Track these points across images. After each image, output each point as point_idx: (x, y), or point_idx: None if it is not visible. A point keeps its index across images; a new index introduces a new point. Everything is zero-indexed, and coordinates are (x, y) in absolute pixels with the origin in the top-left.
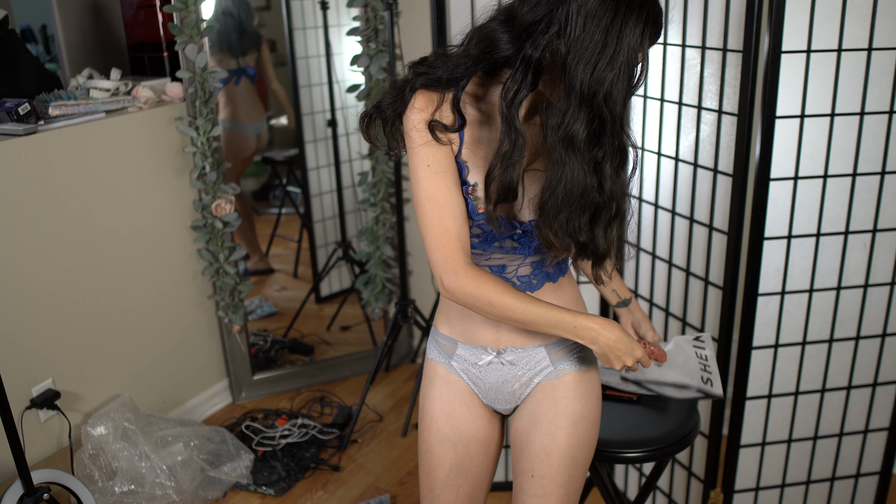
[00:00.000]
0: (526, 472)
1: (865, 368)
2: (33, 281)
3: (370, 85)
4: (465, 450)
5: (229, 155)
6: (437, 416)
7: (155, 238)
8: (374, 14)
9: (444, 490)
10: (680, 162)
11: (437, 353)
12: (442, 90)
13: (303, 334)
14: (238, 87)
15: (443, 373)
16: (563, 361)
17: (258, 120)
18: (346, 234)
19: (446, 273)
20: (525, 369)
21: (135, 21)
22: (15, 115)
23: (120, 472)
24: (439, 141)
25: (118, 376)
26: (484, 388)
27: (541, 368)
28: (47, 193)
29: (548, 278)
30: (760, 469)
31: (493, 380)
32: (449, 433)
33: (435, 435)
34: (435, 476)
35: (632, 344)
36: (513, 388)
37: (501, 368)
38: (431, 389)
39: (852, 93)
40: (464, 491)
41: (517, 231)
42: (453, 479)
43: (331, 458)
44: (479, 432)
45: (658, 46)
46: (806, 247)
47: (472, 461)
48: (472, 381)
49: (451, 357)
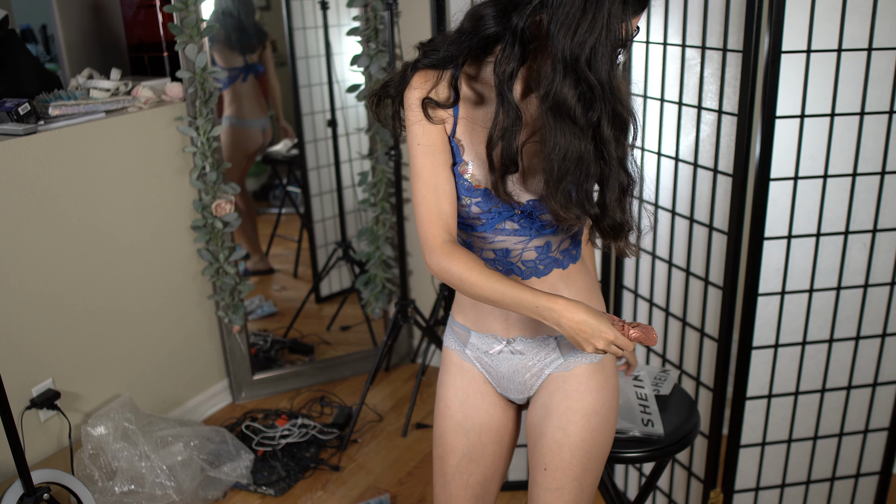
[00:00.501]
0: (539, 464)
1: (865, 368)
2: (33, 281)
3: (370, 85)
4: (478, 437)
5: (235, 151)
6: (450, 402)
7: (155, 238)
8: (374, 14)
9: (456, 476)
10: (680, 162)
11: (452, 341)
12: (440, 69)
13: (303, 334)
14: (245, 84)
15: (457, 360)
16: (574, 353)
17: (263, 115)
18: (346, 234)
19: (426, 249)
20: (535, 360)
21: (135, 21)
22: (15, 115)
23: (120, 472)
24: (430, 119)
25: (118, 376)
26: (497, 377)
27: (551, 360)
28: (47, 193)
29: (556, 264)
30: (760, 469)
31: (505, 369)
32: (462, 420)
33: (448, 421)
34: (447, 462)
35: (600, 326)
36: (524, 377)
37: (512, 358)
38: (446, 377)
39: (852, 93)
40: (475, 478)
41: (516, 212)
42: (465, 465)
43: (331, 458)
44: (491, 420)
45: (658, 46)
46: (806, 247)
47: (485, 449)
48: (485, 370)
49: (465, 345)
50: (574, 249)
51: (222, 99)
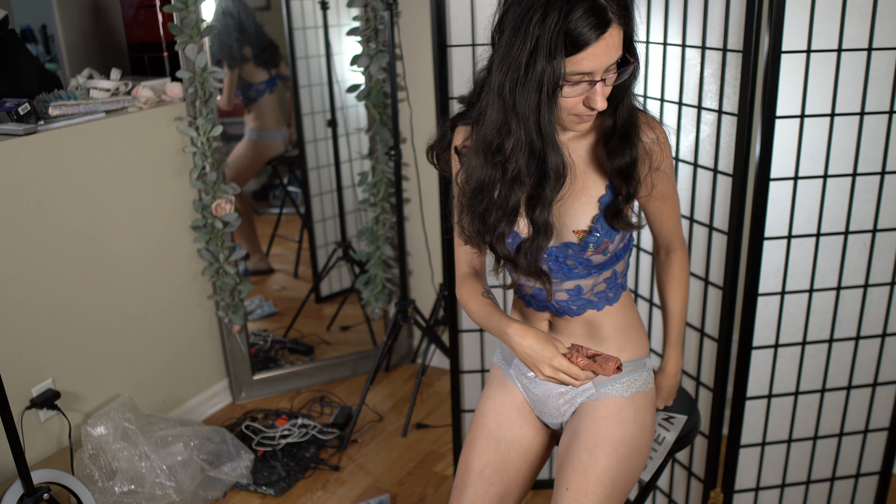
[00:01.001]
0: (562, 484)
1: (865, 368)
2: (33, 281)
3: (370, 85)
4: (507, 450)
5: (256, 162)
6: (486, 412)
7: (155, 238)
8: (374, 14)
9: (477, 482)
10: (680, 162)
11: (500, 359)
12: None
13: (303, 334)
14: (271, 96)
15: (500, 376)
16: (607, 385)
17: (284, 126)
18: (346, 234)
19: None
20: (569, 387)
21: (135, 21)
22: (15, 115)
23: (120, 472)
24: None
25: (118, 376)
26: (534, 399)
27: (584, 388)
28: (47, 193)
29: (590, 306)
30: (760, 469)
31: (540, 392)
32: (495, 429)
33: (482, 430)
34: (471, 467)
35: (544, 353)
36: (557, 402)
37: (547, 382)
38: (489, 390)
39: (852, 93)
40: (494, 489)
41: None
42: (488, 474)
43: (331, 458)
44: (523, 438)
45: (658, 46)
46: (806, 247)
47: (512, 464)
48: (524, 390)
49: (510, 364)
50: (611, 292)
51: (241, 109)
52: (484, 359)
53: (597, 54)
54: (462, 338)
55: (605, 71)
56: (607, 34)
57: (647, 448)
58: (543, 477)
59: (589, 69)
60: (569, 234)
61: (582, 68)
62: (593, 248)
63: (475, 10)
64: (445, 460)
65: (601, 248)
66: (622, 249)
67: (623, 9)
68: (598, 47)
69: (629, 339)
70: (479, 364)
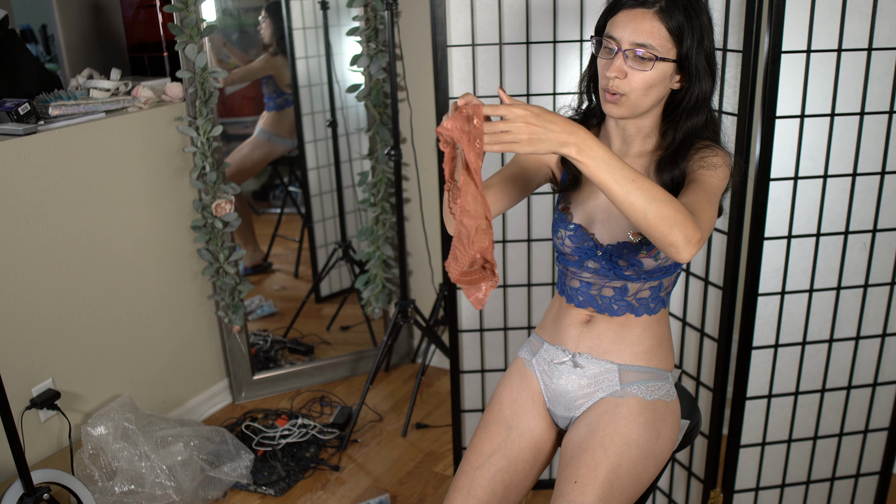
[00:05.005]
0: (570, 477)
1: (865, 368)
2: (33, 281)
3: (370, 85)
4: (518, 438)
5: (260, 161)
6: (502, 399)
7: (155, 238)
8: (374, 14)
9: (486, 465)
10: None
11: (525, 352)
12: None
13: (303, 334)
14: (292, 108)
15: (522, 367)
16: (632, 385)
17: (294, 136)
18: (346, 234)
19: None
20: (592, 379)
21: (135, 21)
22: (15, 115)
23: (120, 472)
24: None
25: (118, 376)
26: (551, 391)
27: (608, 384)
28: (47, 193)
29: (630, 309)
30: (760, 469)
31: (561, 383)
32: (509, 416)
33: (496, 415)
34: (481, 450)
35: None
36: (576, 394)
37: (572, 371)
38: (507, 378)
39: (852, 93)
40: (501, 475)
41: (598, 252)
42: (497, 459)
43: (331, 458)
44: (535, 429)
45: None
46: (806, 247)
47: (521, 453)
48: (543, 382)
49: (535, 355)
50: (653, 303)
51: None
52: (484, 359)
53: (625, 22)
54: (462, 338)
55: (631, 48)
56: (639, 12)
57: (660, 458)
58: (543, 477)
59: (616, 35)
60: (625, 234)
61: (612, 31)
62: (646, 251)
63: (475, 10)
64: (445, 460)
65: (653, 252)
66: (673, 264)
67: (671, 5)
68: (628, 16)
69: (659, 349)
70: (479, 364)
